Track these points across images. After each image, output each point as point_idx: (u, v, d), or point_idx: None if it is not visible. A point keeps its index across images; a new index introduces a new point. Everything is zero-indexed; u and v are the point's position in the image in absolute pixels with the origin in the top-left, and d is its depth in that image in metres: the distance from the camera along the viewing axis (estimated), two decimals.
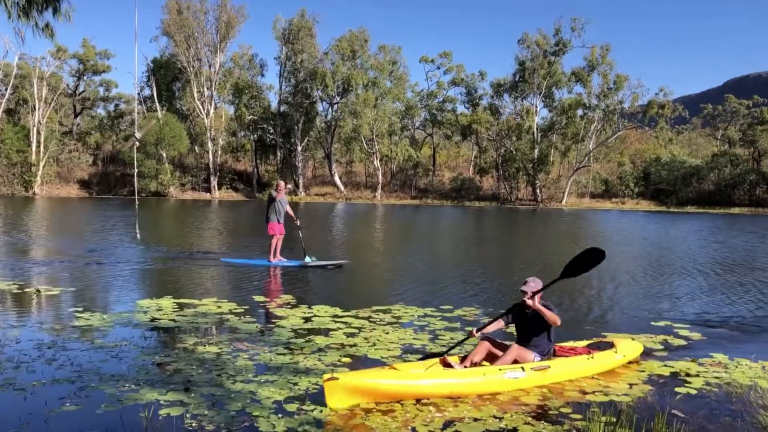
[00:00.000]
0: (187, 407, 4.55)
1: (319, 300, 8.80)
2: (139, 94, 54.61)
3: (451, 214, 39.30)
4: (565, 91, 54.87)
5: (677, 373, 5.79)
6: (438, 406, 4.75)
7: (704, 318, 8.40)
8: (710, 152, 59.72)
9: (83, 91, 58.40)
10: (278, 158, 56.26)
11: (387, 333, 6.99)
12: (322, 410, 4.56)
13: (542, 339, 5.56)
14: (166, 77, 53.37)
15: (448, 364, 5.30)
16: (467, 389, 5.00)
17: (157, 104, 51.06)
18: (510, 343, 5.60)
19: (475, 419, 4.53)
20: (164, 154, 48.99)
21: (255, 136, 56.03)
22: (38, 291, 9.21)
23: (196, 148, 53.47)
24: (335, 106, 55.10)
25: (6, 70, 50.49)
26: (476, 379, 5.08)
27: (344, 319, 7.61)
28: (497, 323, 5.70)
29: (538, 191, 53.94)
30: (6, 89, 51.13)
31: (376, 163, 55.12)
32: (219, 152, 54.10)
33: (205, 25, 52.00)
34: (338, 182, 55.74)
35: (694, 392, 5.26)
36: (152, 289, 10.15)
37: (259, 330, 7.02)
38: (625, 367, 5.93)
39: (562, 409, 4.79)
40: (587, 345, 6.05)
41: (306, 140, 55.25)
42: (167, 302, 8.41)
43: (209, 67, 52.85)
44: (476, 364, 5.41)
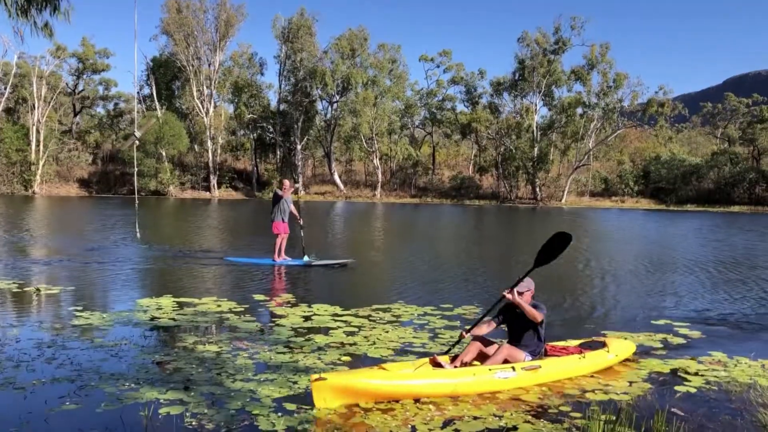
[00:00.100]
0: (186, 406, 4.55)
1: (318, 299, 8.80)
2: (138, 92, 54.67)
3: (450, 212, 39.31)
4: (565, 89, 55.03)
5: (677, 371, 5.79)
6: (438, 404, 4.75)
7: (704, 316, 8.40)
8: (710, 151, 59.73)
9: (83, 90, 58.37)
10: (278, 157, 56.26)
11: (387, 332, 6.99)
12: (322, 409, 4.56)
13: (533, 338, 5.50)
14: (166, 76, 53.39)
15: (438, 364, 5.23)
16: (457, 389, 4.94)
17: (157, 103, 51.04)
18: (501, 342, 5.55)
19: (475, 418, 4.53)
20: (164, 153, 49.01)
21: (254, 134, 56.06)
22: (38, 290, 9.21)
23: (195, 146, 53.50)
24: (335, 105, 55.11)
25: (5, 69, 50.47)
26: (466, 379, 5.01)
27: (344, 318, 7.61)
28: (487, 325, 5.67)
29: (537, 190, 53.95)
30: (5, 88, 51.12)
31: (376, 161, 55.14)
32: (218, 151, 54.10)
33: (205, 23, 52.08)
34: (338, 181, 55.75)
35: (694, 390, 5.26)
36: (152, 287, 10.14)
37: (259, 329, 7.02)
38: (624, 365, 5.93)
39: (562, 408, 4.79)
40: (579, 344, 5.99)
41: (305, 139, 55.25)
42: (167, 301, 8.41)
43: (209, 65, 52.87)
44: (467, 364, 5.34)
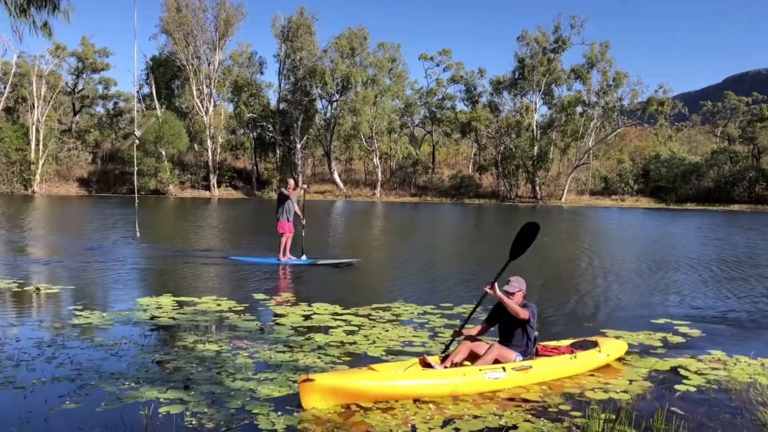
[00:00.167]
0: (186, 405, 4.55)
1: (318, 298, 8.79)
2: (138, 92, 54.71)
3: (450, 211, 39.31)
4: (565, 88, 55.02)
5: (676, 370, 5.79)
6: (437, 403, 4.75)
7: (704, 315, 8.40)
8: (710, 149, 59.73)
9: (82, 89, 58.34)
10: (277, 156, 56.26)
11: (387, 331, 6.99)
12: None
13: (523, 338, 5.44)
14: (165, 75, 53.38)
15: (428, 365, 5.19)
16: (446, 390, 4.87)
17: (156, 102, 51.02)
18: (492, 342, 5.52)
19: (475, 416, 4.53)
20: (163, 152, 49.01)
21: (254, 133, 56.06)
22: (38, 289, 9.21)
23: (195, 146, 53.51)
24: (334, 104, 55.10)
25: (5, 68, 50.45)
26: (456, 380, 4.95)
27: (344, 317, 7.61)
28: (481, 327, 5.69)
29: (537, 188, 53.95)
30: (5, 87, 51.11)
31: (376, 160, 55.13)
32: (218, 150, 54.10)
33: (204, 22, 52.06)
34: (338, 180, 55.74)
35: (694, 389, 5.26)
36: (152, 287, 10.14)
37: (259, 328, 7.02)
38: (624, 364, 5.94)
39: (562, 407, 4.79)
40: (571, 344, 5.95)
41: (305, 138, 55.24)
42: (167, 300, 8.41)
43: (208, 64, 52.85)
44: (457, 365, 5.29)
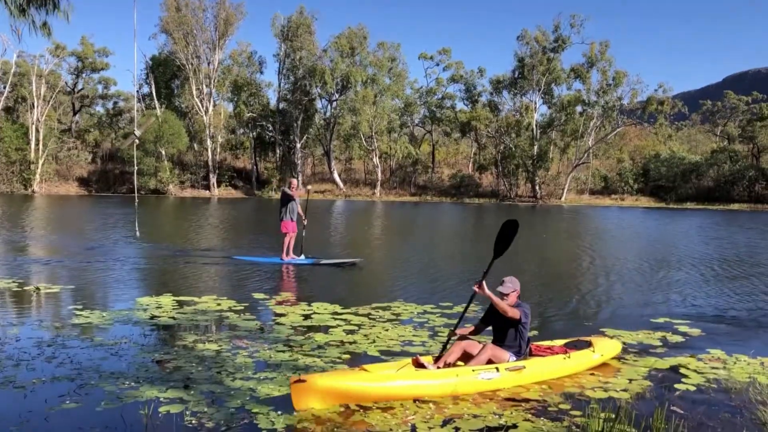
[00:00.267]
0: (186, 404, 4.55)
1: (318, 297, 8.80)
2: (137, 91, 54.71)
3: (450, 211, 39.31)
4: (564, 87, 55.02)
5: (676, 369, 5.79)
6: (437, 403, 4.75)
7: (703, 314, 8.40)
8: (709, 148, 59.75)
9: (82, 89, 58.33)
10: (277, 155, 56.27)
11: (386, 330, 7.00)
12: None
13: (516, 338, 5.42)
14: (165, 75, 53.38)
15: (421, 365, 5.16)
16: (439, 391, 4.85)
17: (156, 102, 51.02)
18: (485, 342, 5.50)
19: (475, 416, 4.53)
20: (163, 152, 49.01)
21: (254, 133, 56.06)
22: (38, 289, 9.21)
23: (195, 145, 53.52)
24: (334, 103, 55.11)
25: (5, 67, 50.45)
26: (449, 380, 4.92)
27: (344, 317, 7.62)
28: (476, 328, 5.69)
29: (537, 188, 53.96)
30: (5, 87, 51.12)
31: (375, 160, 55.13)
32: (218, 150, 54.10)
33: (204, 22, 52.07)
34: (337, 179, 55.74)
35: (693, 388, 5.26)
36: (152, 286, 10.14)
37: (259, 327, 7.03)
38: (624, 363, 5.94)
39: (562, 406, 4.79)
40: (564, 344, 5.94)
41: (305, 137, 55.25)
42: (167, 300, 8.41)
43: (208, 64, 52.86)
44: (451, 365, 5.26)
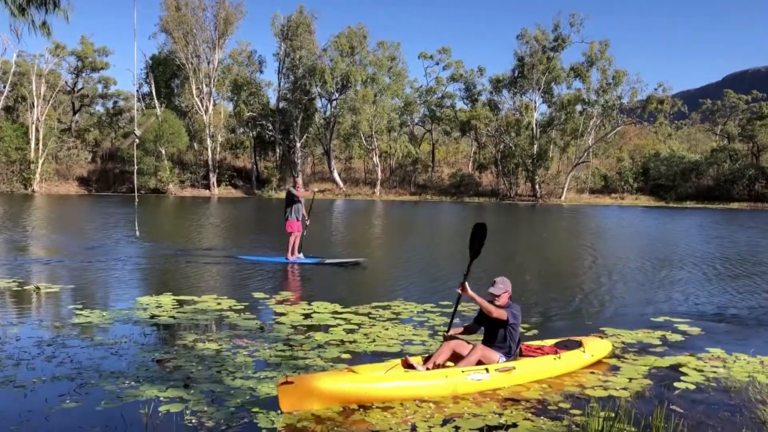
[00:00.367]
0: (186, 404, 4.56)
1: (319, 296, 8.81)
2: (137, 91, 54.66)
3: (450, 210, 39.30)
4: (564, 86, 54.94)
5: (676, 368, 5.80)
6: (437, 402, 4.76)
7: (703, 313, 8.41)
8: (709, 147, 59.72)
9: (82, 89, 58.29)
10: (277, 155, 56.25)
11: (387, 329, 7.01)
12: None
13: (506, 339, 5.40)
14: (165, 74, 53.35)
15: (410, 366, 5.13)
16: (429, 392, 4.83)
17: (156, 101, 51.00)
18: (475, 342, 5.48)
19: (475, 415, 4.54)
20: (163, 151, 49.00)
21: (254, 132, 56.03)
22: (38, 288, 9.21)
23: (195, 144, 53.49)
24: (334, 103, 55.08)
25: (4, 67, 50.41)
26: (438, 381, 4.89)
27: (344, 316, 7.63)
28: (468, 329, 5.70)
29: (537, 187, 53.94)
30: (4, 86, 51.08)
31: (375, 159, 55.13)
32: (218, 149, 54.09)
33: (204, 21, 52.02)
34: (337, 178, 55.74)
35: (693, 387, 5.27)
36: (152, 285, 10.15)
37: (259, 326, 7.03)
38: (623, 362, 5.95)
39: (561, 405, 4.80)
40: (555, 344, 5.94)
41: (305, 137, 55.23)
42: (167, 299, 8.42)
43: (208, 63, 52.82)
44: (440, 366, 5.23)
